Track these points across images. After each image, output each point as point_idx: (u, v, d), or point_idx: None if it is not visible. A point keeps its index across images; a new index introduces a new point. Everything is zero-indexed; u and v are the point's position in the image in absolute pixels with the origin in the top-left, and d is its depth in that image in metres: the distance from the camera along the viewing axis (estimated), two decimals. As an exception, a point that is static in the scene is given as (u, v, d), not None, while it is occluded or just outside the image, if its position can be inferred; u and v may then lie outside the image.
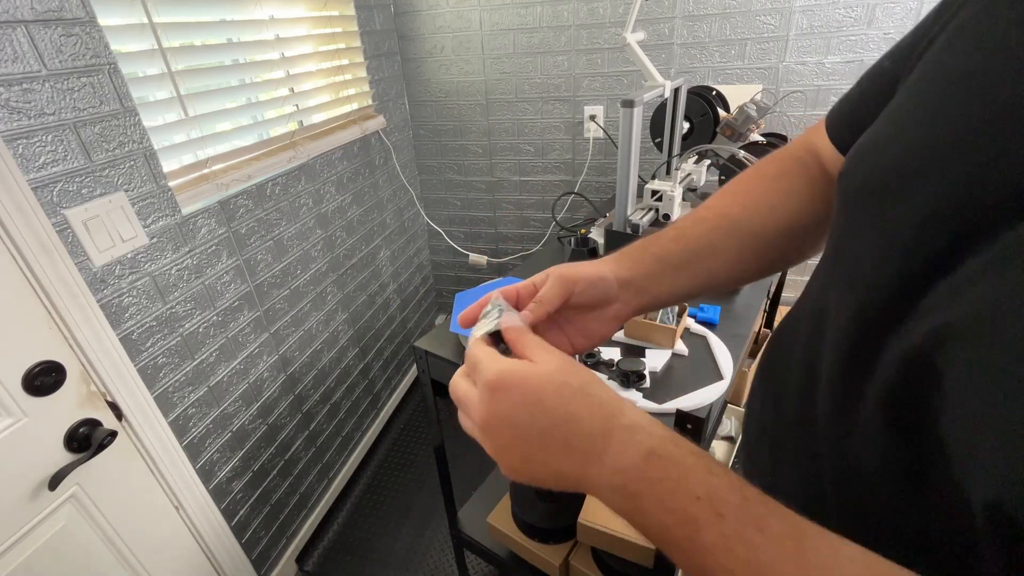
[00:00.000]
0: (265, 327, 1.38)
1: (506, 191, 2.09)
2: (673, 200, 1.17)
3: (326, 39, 1.56)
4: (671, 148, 1.33)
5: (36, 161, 0.84)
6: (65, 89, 0.87)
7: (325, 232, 1.60)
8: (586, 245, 1.21)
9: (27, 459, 0.85)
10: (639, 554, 1.07)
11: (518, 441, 0.31)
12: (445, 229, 2.26)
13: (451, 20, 1.82)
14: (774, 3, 1.48)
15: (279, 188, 1.39)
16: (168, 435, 1.10)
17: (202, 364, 1.19)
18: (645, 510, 0.28)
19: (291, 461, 1.54)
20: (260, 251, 1.34)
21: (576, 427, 0.30)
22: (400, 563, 1.58)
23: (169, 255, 1.08)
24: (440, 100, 1.99)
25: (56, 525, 0.91)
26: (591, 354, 0.89)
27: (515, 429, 0.31)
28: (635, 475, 0.28)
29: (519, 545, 1.25)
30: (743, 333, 0.98)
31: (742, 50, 1.57)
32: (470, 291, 1.07)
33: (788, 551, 0.25)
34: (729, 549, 0.25)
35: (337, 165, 1.63)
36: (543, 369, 0.31)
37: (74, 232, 0.89)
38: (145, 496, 1.07)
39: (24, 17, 0.80)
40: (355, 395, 1.87)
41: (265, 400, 1.41)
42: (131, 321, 1.01)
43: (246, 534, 1.38)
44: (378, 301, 1.96)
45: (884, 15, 1.41)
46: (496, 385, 0.31)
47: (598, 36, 1.69)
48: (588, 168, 1.91)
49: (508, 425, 0.31)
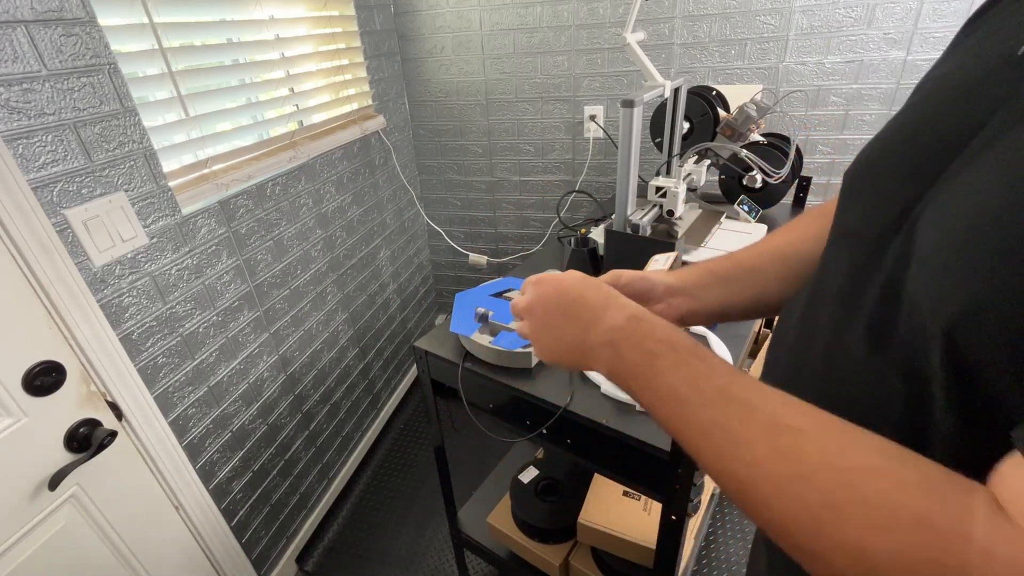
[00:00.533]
0: (265, 327, 1.38)
1: (506, 191, 2.09)
2: (677, 196, 1.17)
3: (326, 39, 1.56)
4: (671, 148, 1.33)
5: (36, 161, 0.84)
6: (65, 89, 0.87)
7: (325, 232, 1.60)
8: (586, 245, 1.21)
9: (27, 459, 0.85)
10: (639, 554, 1.07)
11: (546, 318, 0.46)
12: (445, 229, 2.26)
13: (451, 20, 1.82)
14: (774, 3, 1.48)
15: (279, 188, 1.39)
16: (168, 435, 1.10)
17: (202, 364, 1.19)
18: (623, 355, 0.39)
19: (291, 461, 1.54)
20: (260, 251, 1.34)
21: (584, 304, 0.43)
22: (400, 563, 1.58)
23: (169, 255, 1.08)
24: (440, 100, 1.99)
25: (56, 525, 0.91)
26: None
27: (545, 307, 0.46)
28: (619, 333, 0.40)
29: (519, 545, 1.25)
30: (743, 333, 0.98)
31: (742, 50, 1.57)
32: (470, 291, 1.07)
33: (722, 370, 0.34)
34: (676, 370, 0.36)
35: (337, 165, 1.63)
36: (570, 274, 0.47)
37: (74, 232, 0.89)
38: (145, 496, 1.07)
39: (24, 17, 0.80)
40: (355, 395, 1.87)
41: (265, 400, 1.41)
42: (131, 321, 1.01)
43: (246, 534, 1.38)
44: (378, 301, 1.96)
45: (884, 15, 1.41)
46: (538, 280, 0.48)
47: (598, 36, 1.69)
48: (588, 168, 1.91)
49: (540, 305, 0.46)
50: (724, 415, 0.32)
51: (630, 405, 0.80)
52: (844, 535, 0.26)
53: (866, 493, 0.26)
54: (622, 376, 0.40)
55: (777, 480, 0.29)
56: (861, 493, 0.26)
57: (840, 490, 0.27)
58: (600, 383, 0.85)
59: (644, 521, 1.09)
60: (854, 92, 1.52)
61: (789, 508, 0.28)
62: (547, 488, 1.31)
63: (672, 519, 0.79)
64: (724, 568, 1.48)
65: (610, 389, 0.83)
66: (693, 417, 0.34)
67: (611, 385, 0.83)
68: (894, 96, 1.49)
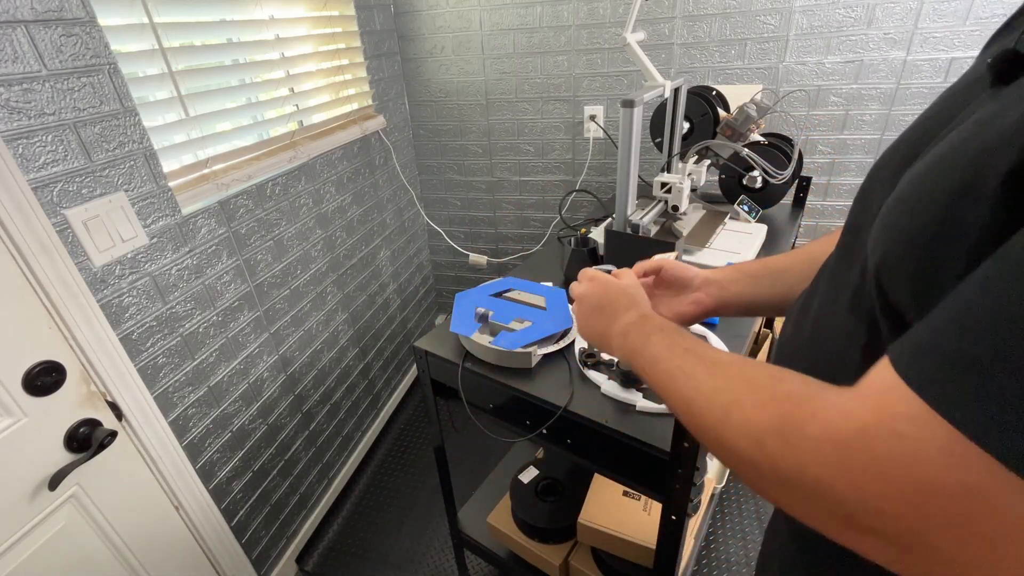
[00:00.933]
0: (265, 327, 1.38)
1: (506, 191, 2.09)
2: (682, 192, 1.17)
3: (326, 39, 1.56)
4: (671, 148, 1.33)
5: (36, 161, 0.84)
6: (65, 89, 0.87)
7: (325, 232, 1.60)
8: (586, 245, 1.21)
9: (27, 459, 0.85)
10: (639, 554, 1.07)
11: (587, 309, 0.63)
12: (445, 229, 2.26)
13: (451, 20, 1.82)
14: (774, 3, 1.48)
15: (279, 188, 1.39)
16: (168, 435, 1.10)
17: (202, 364, 1.19)
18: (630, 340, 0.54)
19: (291, 461, 1.54)
20: (260, 251, 1.34)
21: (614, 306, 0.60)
22: (400, 563, 1.58)
23: (169, 255, 1.08)
24: (440, 100, 1.99)
25: (56, 525, 0.91)
26: (591, 354, 0.89)
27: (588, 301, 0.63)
28: (631, 326, 0.55)
29: (519, 545, 1.25)
30: (743, 333, 0.98)
31: (742, 50, 1.57)
32: (470, 291, 1.07)
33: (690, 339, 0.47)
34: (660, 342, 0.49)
35: (337, 165, 1.63)
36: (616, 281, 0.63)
37: (74, 232, 0.89)
38: (145, 496, 1.07)
39: (24, 17, 0.80)
40: (355, 395, 1.87)
41: (265, 400, 1.41)
42: (131, 321, 1.01)
43: (246, 534, 1.38)
44: (378, 301, 1.96)
45: (884, 15, 1.41)
46: (591, 277, 0.65)
47: (598, 36, 1.69)
48: (588, 168, 1.91)
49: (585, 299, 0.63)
50: (683, 362, 0.45)
51: (630, 405, 0.80)
52: (740, 414, 0.36)
53: (758, 386, 0.36)
54: (628, 353, 0.54)
55: (708, 393, 0.40)
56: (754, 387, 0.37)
57: (742, 390, 0.37)
58: (600, 383, 0.85)
59: (644, 521, 1.09)
60: (854, 92, 1.52)
61: (712, 410, 0.39)
62: (547, 488, 1.31)
63: (672, 519, 0.79)
64: (724, 568, 1.48)
65: (610, 389, 0.83)
66: (665, 368, 0.46)
67: (611, 385, 0.83)
68: (894, 96, 1.50)
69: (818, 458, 0.30)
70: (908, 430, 0.26)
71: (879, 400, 0.28)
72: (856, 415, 0.29)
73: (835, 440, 0.29)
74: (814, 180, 1.64)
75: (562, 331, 0.96)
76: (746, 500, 1.66)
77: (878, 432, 0.27)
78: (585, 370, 0.88)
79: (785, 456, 0.32)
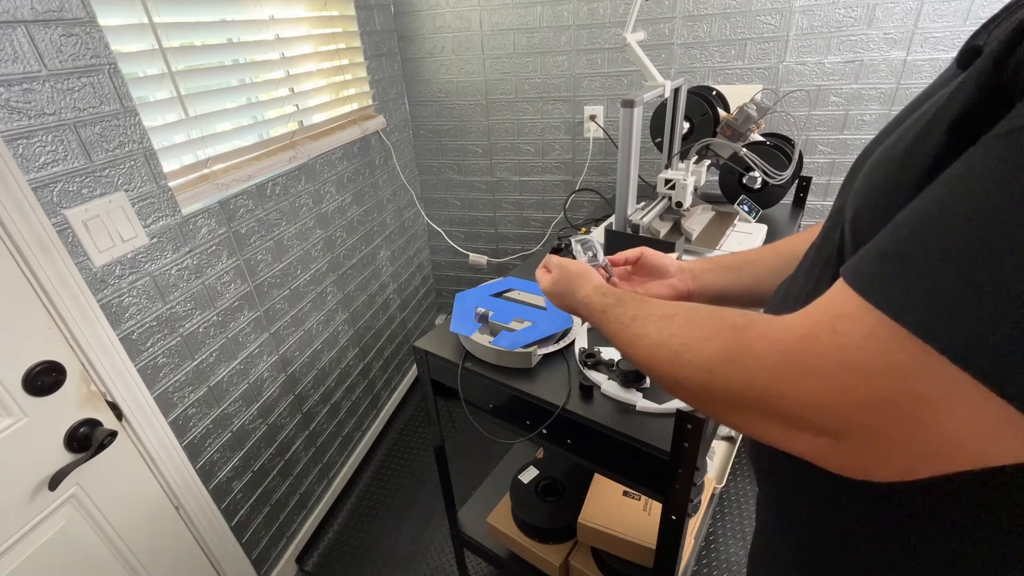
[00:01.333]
0: (265, 327, 1.38)
1: (506, 191, 2.09)
2: (686, 188, 1.17)
3: (326, 39, 1.56)
4: (671, 148, 1.33)
5: (36, 161, 0.84)
6: (65, 89, 0.87)
7: (325, 232, 1.60)
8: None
9: (27, 459, 0.85)
10: (639, 554, 1.07)
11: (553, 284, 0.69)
12: (445, 229, 2.26)
13: (451, 20, 1.82)
14: (774, 3, 1.48)
15: (279, 188, 1.39)
16: (168, 435, 1.10)
17: (202, 364, 1.19)
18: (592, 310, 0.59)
19: (291, 461, 1.54)
20: (260, 251, 1.34)
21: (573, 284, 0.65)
22: (400, 563, 1.58)
23: (169, 255, 1.08)
24: (440, 100, 1.99)
25: (56, 525, 0.91)
26: (591, 354, 0.89)
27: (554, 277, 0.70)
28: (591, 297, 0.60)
29: (519, 545, 1.25)
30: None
31: (742, 50, 1.57)
32: (470, 291, 1.07)
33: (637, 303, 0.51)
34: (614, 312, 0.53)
35: (337, 165, 1.63)
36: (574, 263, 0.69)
37: (74, 232, 0.89)
38: (145, 496, 1.07)
39: (24, 17, 0.80)
40: (355, 395, 1.87)
41: (265, 400, 1.41)
42: (131, 321, 1.01)
43: (246, 534, 1.38)
44: (378, 301, 1.96)
45: (884, 15, 1.41)
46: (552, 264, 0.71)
47: (598, 36, 1.69)
48: (588, 168, 1.91)
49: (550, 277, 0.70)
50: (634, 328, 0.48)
51: (630, 405, 0.80)
52: (690, 355, 0.39)
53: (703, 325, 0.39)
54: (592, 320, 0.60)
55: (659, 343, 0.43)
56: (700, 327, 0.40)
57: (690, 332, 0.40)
58: (600, 383, 0.85)
59: (644, 521, 1.09)
60: (854, 92, 1.52)
61: (666, 357, 0.42)
62: (547, 488, 1.31)
63: (672, 519, 0.79)
64: (724, 568, 1.48)
65: (610, 389, 0.83)
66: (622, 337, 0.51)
67: (611, 385, 0.83)
68: (894, 96, 1.49)
69: (764, 371, 0.32)
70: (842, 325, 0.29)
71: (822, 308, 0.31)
72: (800, 324, 0.32)
73: (780, 350, 0.32)
74: (814, 180, 1.64)
75: (562, 331, 0.96)
76: (746, 500, 1.66)
77: (818, 333, 0.30)
78: (585, 370, 0.88)
79: (735, 377, 0.34)
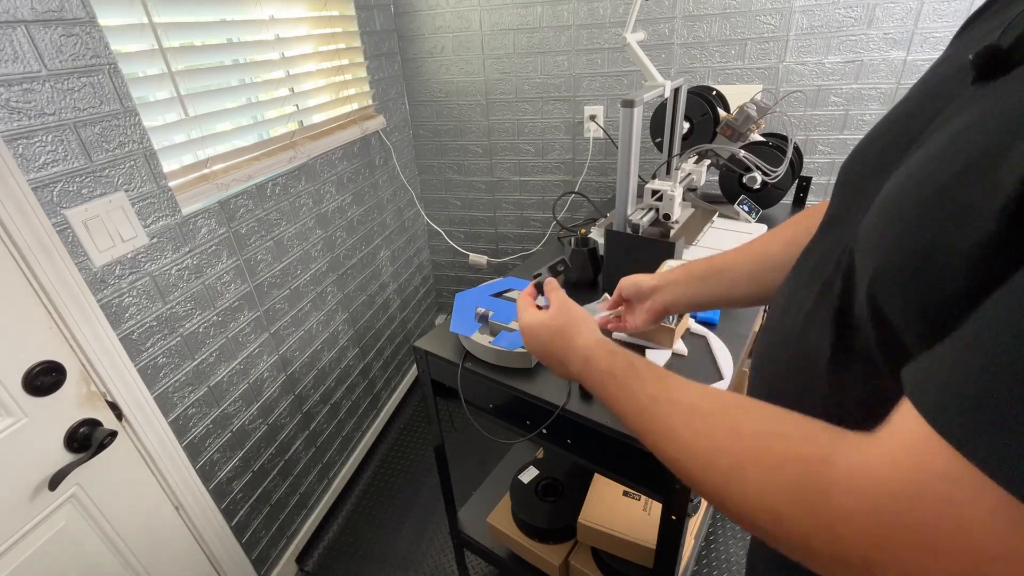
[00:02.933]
0: (265, 327, 1.38)
1: (506, 191, 2.09)
2: (673, 200, 1.17)
3: (326, 39, 1.56)
4: (671, 148, 1.33)
5: (36, 161, 0.84)
6: (65, 89, 0.87)
7: (325, 232, 1.60)
8: (586, 245, 1.21)
9: (27, 459, 0.85)
10: (639, 554, 1.07)
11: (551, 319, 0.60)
12: (445, 229, 2.26)
13: (451, 20, 1.82)
14: (774, 3, 1.48)
15: (279, 188, 1.39)
16: (168, 435, 1.10)
17: (202, 364, 1.19)
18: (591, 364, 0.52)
19: (291, 461, 1.54)
20: (260, 251, 1.34)
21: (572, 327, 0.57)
22: (400, 563, 1.58)
23: (169, 255, 1.08)
24: (440, 100, 1.99)
25: (56, 525, 0.91)
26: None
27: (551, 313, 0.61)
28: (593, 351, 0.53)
29: (519, 545, 1.25)
30: (743, 333, 0.98)
31: (742, 50, 1.57)
32: (470, 291, 1.07)
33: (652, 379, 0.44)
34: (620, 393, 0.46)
35: (337, 165, 1.63)
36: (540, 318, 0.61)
37: (74, 232, 0.89)
38: (145, 496, 1.07)
39: (24, 17, 0.80)
40: (355, 395, 1.87)
41: (265, 400, 1.41)
42: (131, 321, 1.01)
43: (246, 534, 1.38)
44: (378, 301, 1.96)
45: (884, 15, 1.41)
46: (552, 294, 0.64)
47: (598, 36, 1.69)
48: (588, 168, 1.91)
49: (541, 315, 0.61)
50: (654, 415, 0.41)
51: (630, 405, 0.80)
52: (746, 486, 0.32)
53: (759, 448, 0.33)
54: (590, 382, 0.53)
55: (697, 455, 0.36)
56: (756, 450, 0.33)
57: (742, 452, 0.34)
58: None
59: (644, 521, 1.09)
60: (854, 92, 1.52)
61: (708, 474, 0.35)
62: (547, 488, 1.31)
63: (672, 519, 0.79)
64: (724, 568, 1.48)
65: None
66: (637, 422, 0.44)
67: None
68: (894, 96, 1.49)
69: (852, 531, 0.27)
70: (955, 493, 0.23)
71: (911, 459, 0.25)
72: (888, 478, 0.26)
73: (869, 510, 0.26)
74: (814, 180, 1.64)
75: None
76: (746, 500, 1.66)
77: (920, 496, 0.25)
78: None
79: (812, 530, 0.29)
